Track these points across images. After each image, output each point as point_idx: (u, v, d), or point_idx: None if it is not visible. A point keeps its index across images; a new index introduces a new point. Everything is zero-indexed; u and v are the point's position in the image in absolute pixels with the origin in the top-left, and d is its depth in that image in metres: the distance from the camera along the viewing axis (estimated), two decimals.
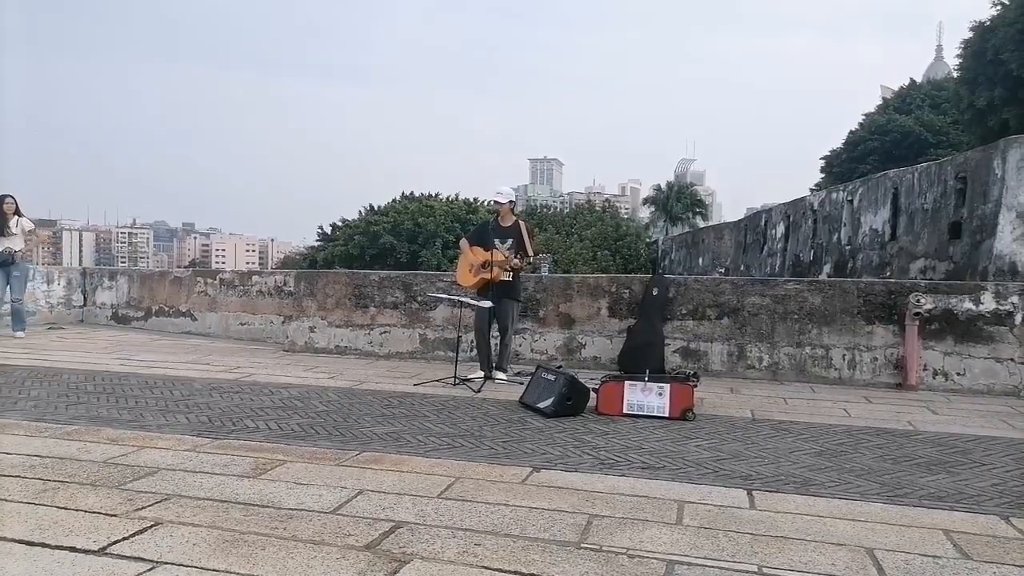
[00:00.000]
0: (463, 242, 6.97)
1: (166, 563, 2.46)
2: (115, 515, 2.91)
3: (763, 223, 21.95)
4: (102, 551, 2.55)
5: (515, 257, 6.46)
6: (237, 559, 2.51)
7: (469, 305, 6.59)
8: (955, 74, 29.99)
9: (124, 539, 2.66)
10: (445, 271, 11.27)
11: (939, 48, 75.14)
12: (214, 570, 2.42)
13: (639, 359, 6.70)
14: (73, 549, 2.56)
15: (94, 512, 2.94)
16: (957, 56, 26.53)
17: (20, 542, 2.61)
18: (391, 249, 37.94)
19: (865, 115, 40.44)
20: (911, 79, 42.93)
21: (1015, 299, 6.60)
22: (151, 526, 2.79)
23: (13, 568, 2.40)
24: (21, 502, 3.04)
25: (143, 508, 2.99)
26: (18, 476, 3.39)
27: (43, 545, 2.59)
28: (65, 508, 2.97)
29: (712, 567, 2.53)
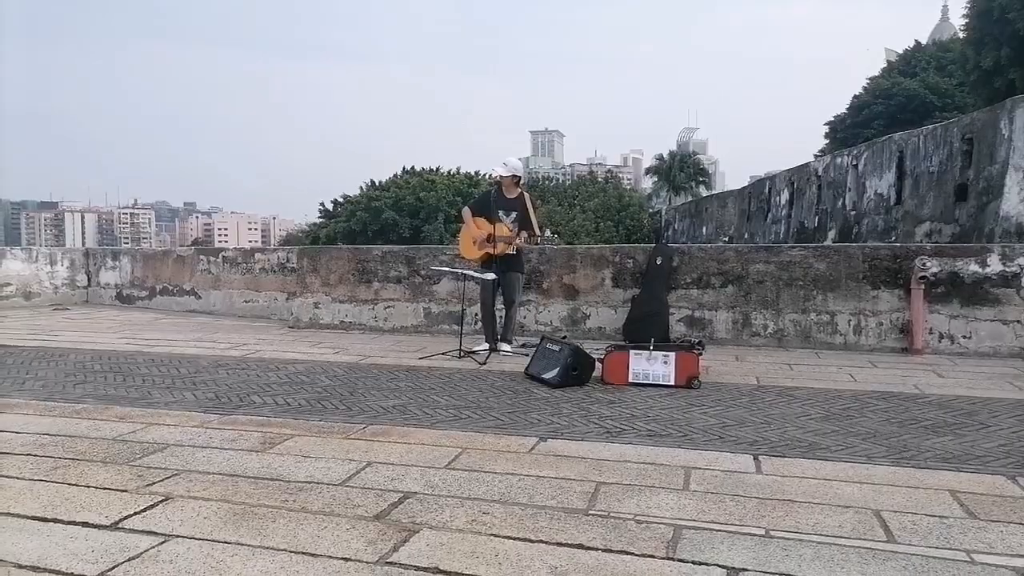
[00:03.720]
0: (466, 211, 6.90)
1: (177, 536, 2.49)
2: (126, 491, 2.93)
3: (767, 190, 21.81)
4: (114, 526, 2.58)
5: (520, 234, 6.41)
6: (248, 531, 2.53)
7: (473, 278, 6.57)
8: (961, 35, 29.53)
9: (135, 514, 2.68)
10: (448, 245, 11.26)
11: (945, 8, 73.79)
12: (225, 542, 2.44)
13: (644, 328, 6.69)
14: (85, 524, 2.59)
15: (105, 488, 2.96)
16: (963, 16, 26.12)
17: (34, 518, 2.64)
18: (393, 224, 37.92)
19: (870, 79, 39.95)
20: (916, 41, 42.35)
21: (1022, 260, 6.55)
22: (162, 501, 2.82)
23: (27, 544, 2.42)
24: (33, 480, 3.07)
25: (153, 483, 3.02)
26: (29, 454, 3.42)
27: (56, 521, 2.62)
28: (76, 485, 3.00)
29: (719, 531, 2.54)
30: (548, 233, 7.22)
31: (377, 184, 42.81)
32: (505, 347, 6.57)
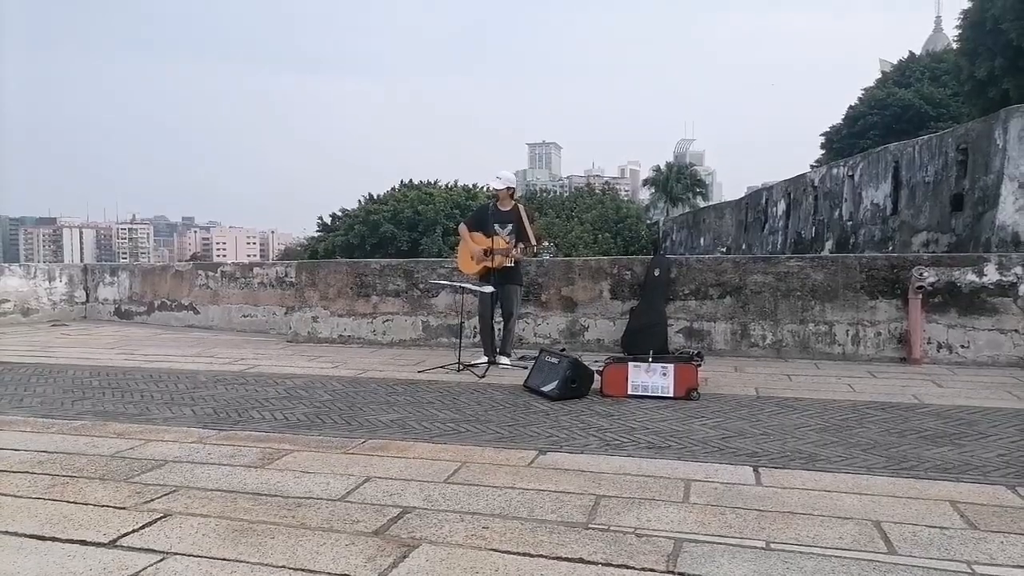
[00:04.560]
0: (462, 228, 6.93)
1: (176, 554, 2.48)
2: (124, 508, 2.92)
3: (764, 201, 21.87)
4: (112, 544, 2.57)
5: (517, 246, 6.42)
6: (247, 548, 2.52)
7: (471, 291, 6.58)
8: (955, 45, 29.72)
9: (134, 531, 2.67)
10: (446, 258, 11.28)
11: (938, 19, 74.19)
12: (224, 559, 2.43)
13: (642, 340, 6.70)
14: (83, 542, 2.57)
15: (103, 505, 2.95)
16: (956, 27, 26.28)
17: (31, 537, 2.62)
18: (391, 238, 37.95)
19: (864, 90, 40.14)
20: (910, 52, 42.59)
21: (1018, 270, 6.57)
22: (160, 518, 2.81)
23: (25, 563, 2.41)
24: (31, 497, 3.05)
25: (152, 500, 3.01)
26: (27, 472, 3.41)
27: (54, 539, 2.60)
28: (74, 502, 2.99)
29: (720, 543, 2.54)
30: (547, 243, 7.21)
31: (375, 197, 42.90)
32: (504, 360, 6.57)
